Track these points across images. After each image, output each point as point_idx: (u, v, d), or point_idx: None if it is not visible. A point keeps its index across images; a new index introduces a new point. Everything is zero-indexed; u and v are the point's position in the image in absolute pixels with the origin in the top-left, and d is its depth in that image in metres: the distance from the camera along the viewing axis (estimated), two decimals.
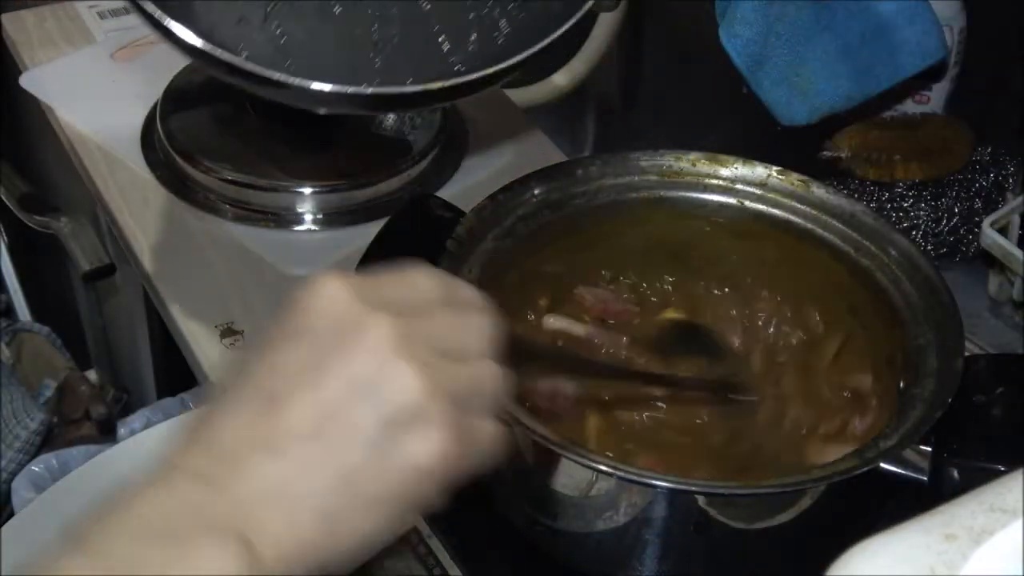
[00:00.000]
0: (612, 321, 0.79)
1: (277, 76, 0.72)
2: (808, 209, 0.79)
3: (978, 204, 0.97)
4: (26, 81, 1.15)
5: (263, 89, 0.75)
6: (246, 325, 0.92)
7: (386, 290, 0.51)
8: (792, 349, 0.80)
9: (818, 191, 0.79)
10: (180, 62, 1.12)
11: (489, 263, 0.74)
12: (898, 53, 0.96)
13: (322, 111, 0.94)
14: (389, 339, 0.49)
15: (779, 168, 0.80)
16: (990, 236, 0.89)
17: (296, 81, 0.73)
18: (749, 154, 0.81)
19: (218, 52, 0.72)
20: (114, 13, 1.24)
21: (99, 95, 1.13)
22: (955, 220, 0.97)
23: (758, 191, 0.80)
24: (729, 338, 0.80)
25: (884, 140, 0.98)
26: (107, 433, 1.27)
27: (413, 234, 0.77)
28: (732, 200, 0.80)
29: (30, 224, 1.28)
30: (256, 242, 1.00)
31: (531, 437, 0.61)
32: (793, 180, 0.79)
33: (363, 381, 0.48)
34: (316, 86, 0.73)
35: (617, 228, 0.81)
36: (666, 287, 0.82)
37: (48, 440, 1.29)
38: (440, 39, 0.76)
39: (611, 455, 0.65)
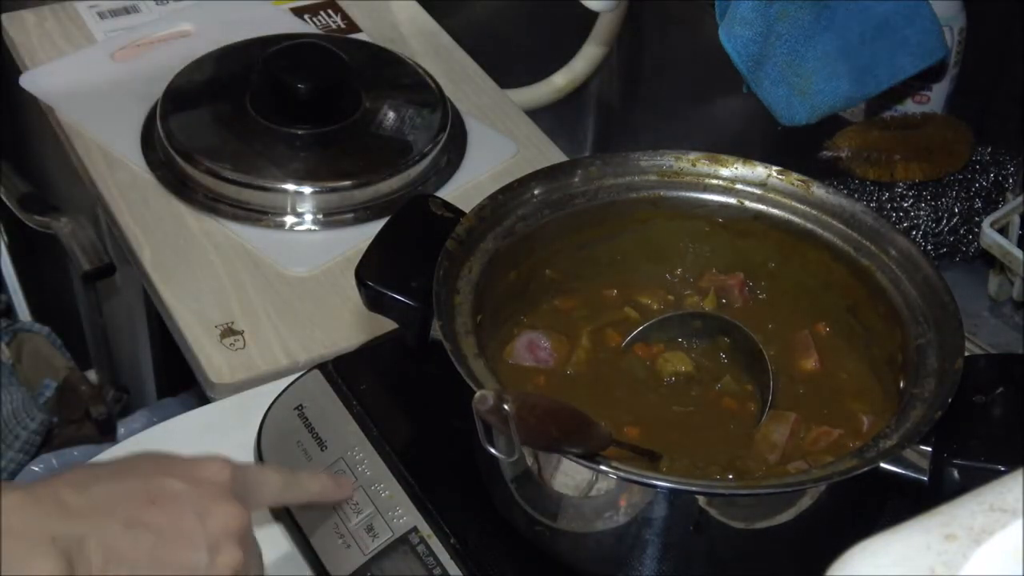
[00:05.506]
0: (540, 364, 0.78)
1: None
2: (808, 209, 0.79)
3: (978, 204, 0.97)
4: (26, 81, 1.15)
5: None
6: (246, 325, 0.92)
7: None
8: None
9: (818, 191, 0.79)
10: (180, 62, 1.13)
11: (489, 263, 0.74)
12: (898, 53, 0.97)
13: None
14: None
15: (779, 168, 0.80)
16: (990, 236, 0.89)
17: None
18: (749, 154, 0.81)
19: None
20: (114, 13, 1.24)
21: (99, 95, 1.13)
22: (955, 220, 0.97)
23: (758, 191, 0.80)
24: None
25: (884, 140, 0.98)
26: (107, 433, 1.28)
27: (413, 234, 0.77)
28: (732, 200, 0.80)
29: (30, 224, 1.28)
30: (256, 242, 1.00)
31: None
32: (793, 180, 0.79)
33: None
34: None
35: (617, 228, 0.81)
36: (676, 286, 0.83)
37: (48, 440, 1.29)
38: None
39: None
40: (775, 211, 0.79)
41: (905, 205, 0.97)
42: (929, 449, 0.64)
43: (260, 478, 0.68)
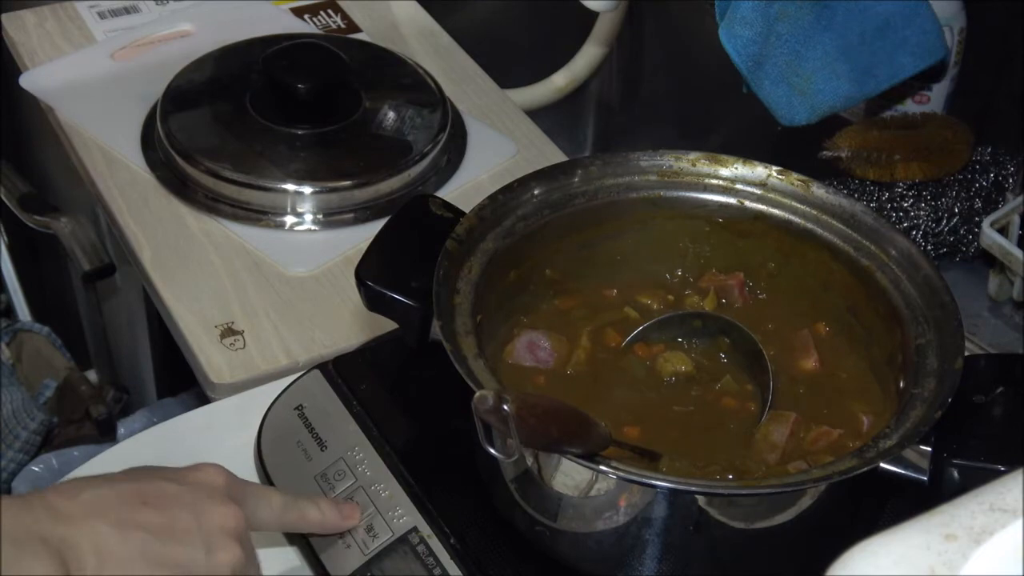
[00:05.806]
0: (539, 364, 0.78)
1: None
2: (808, 209, 0.79)
3: (978, 204, 0.97)
4: (26, 81, 1.15)
5: None
6: (246, 325, 0.92)
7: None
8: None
9: (818, 191, 0.79)
10: (180, 62, 1.13)
11: (489, 263, 0.74)
12: (898, 53, 0.97)
13: None
14: None
15: (779, 168, 0.80)
16: (990, 236, 0.89)
17: None
18: (749, 154, 0.81)
19: None
20: (114, 13, 1.24)
21: (99, 95, 1.13)
22: (955, 220, 0.97)
23: (758, 191, 0.80)
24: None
25: (884, 140, 0.98)
26: (107, 433, 1.28)
27: (413, 234, 0.77)
28: (732, 200, 0.80)
29: (30, 224, 1.28)
30: (256, 242, 1.00)
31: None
32: (793, 180, 0.79)
33: None
34: None
35: (617, 228, 0.81)
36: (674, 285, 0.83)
37: (48, 440, 1.29)
38: None
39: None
40: (775, 211, 0.79)
41: (905, 205, 0.97)
42: (929, 449, 0.64)
43: (261, 497, 0.68)
